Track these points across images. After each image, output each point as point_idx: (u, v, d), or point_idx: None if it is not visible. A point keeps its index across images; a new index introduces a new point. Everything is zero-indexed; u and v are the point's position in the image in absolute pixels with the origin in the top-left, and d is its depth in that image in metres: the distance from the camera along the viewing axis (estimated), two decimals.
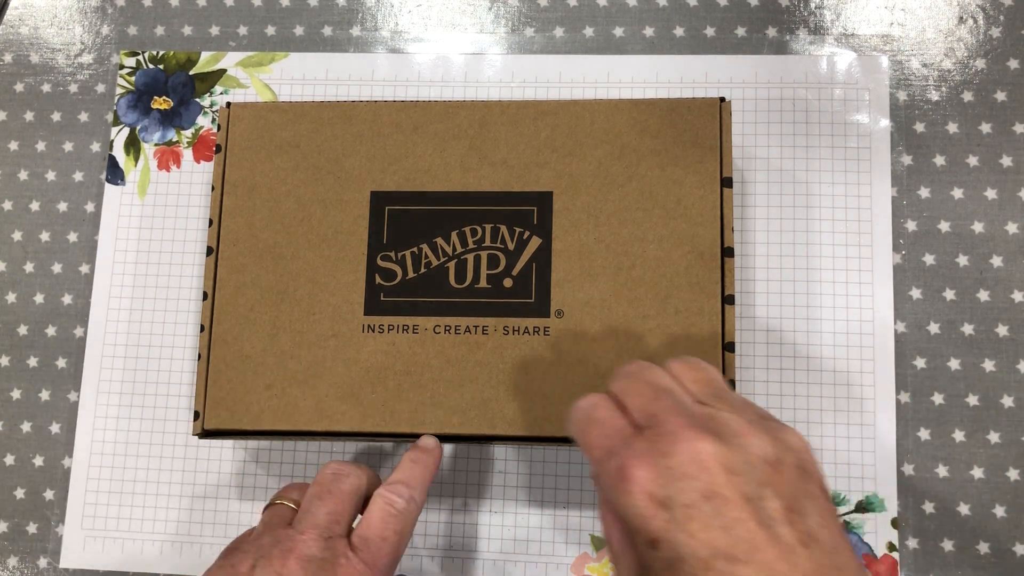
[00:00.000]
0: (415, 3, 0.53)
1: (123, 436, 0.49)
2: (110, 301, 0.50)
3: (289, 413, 0.41)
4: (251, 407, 0.41)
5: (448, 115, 0.44)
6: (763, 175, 0.49)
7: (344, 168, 0.44)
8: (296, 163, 0.44)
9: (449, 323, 0.42)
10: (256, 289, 0.43)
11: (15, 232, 0.52)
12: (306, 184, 0.44)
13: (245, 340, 0.42)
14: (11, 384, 0.50)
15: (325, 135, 0.44)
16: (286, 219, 0.44)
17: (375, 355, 0.41)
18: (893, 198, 0.48)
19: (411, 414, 0.41)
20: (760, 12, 0.51)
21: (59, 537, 0.48)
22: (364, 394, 0.41)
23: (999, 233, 0.47)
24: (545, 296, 0.41)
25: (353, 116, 0.45)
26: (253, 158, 0.44)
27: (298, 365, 0.42)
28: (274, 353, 0.42)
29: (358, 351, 0.42)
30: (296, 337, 0.42)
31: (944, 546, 0.45)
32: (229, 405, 0.41)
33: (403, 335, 0.42)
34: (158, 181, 0.51)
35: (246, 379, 0.42)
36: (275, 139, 0.45)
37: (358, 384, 0.41)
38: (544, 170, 0.43)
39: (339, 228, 0.43)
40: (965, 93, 0.49)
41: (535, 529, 0.46)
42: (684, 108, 0.43)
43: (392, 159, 0.44)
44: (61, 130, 0.53)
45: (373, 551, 0.36)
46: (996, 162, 0.48)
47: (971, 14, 0.50)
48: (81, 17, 0.55)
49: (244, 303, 0.43)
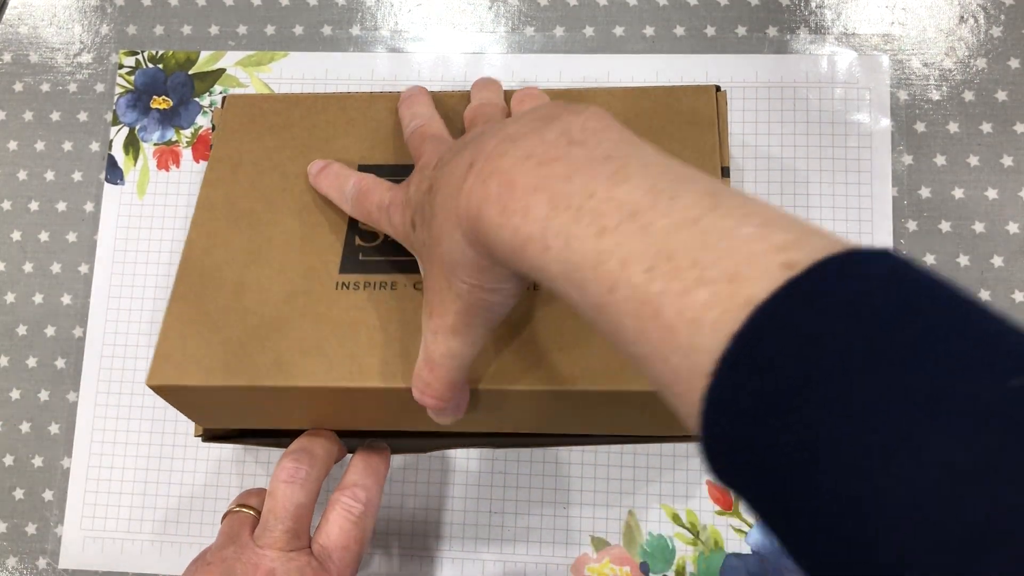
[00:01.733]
0: (415, 2, 0.53)
1: (123, 436, 0.49)
2: (109, 301, 0.50)
3: (245, 367, 0.36)
4: (202, 361, 0.36)
5: (441, 101, 0.43)
6: (763, 174, 0.48)
7: (334, 147, 0.42)
8: (285, 142, 0.42)
9: None
10: (226, 250, 0.39)
11: (14, 232, 0.52)
12: (292, 160, 0.41)
13: (207, 298, 0.38)
14: (10, 384, 0.50)
15: (318, 119, 0.43)
16: (268, 190, 0.41)
17: (347, 311, 0.37)
18: (894, 198, 0.48)
19: (382, 367, 0.35)
20: (760, 11, 0.51)
21: (58, 537, 0.48)
22: (330, 348, 0.36)
23: (1000, 233, 0.47)
24: None
25: (348, 104, 0.44)
26: (242, 138, 0.43)
27: (260, 321, 0.37)
28: (236, 310, 0.37)
29: (329, 307, 0.37)
30: (262, 295, 0.38)
31: None
32: (178, 360, 0.36)
33: (379, 291, 0.37)
34: (157, 181, 0.51)
35: (201, 334, 0.37)
36: (267, 123, 0.43)
37: (325, 338, 0.36)
38: None
39: (323, 197, 0.40)
40: (966, 93, 0.49)
41: (535, 529, 0.46)
42: (680, 93, 0.42)
43: (383, 138, 0.42)
44: (60, 130, 0.53)
45: (336, 561, 0.36)
46: (997, 162, 0.48)
47: (972, 13, 0.50)
48: (80, 16, 0.55)
49: (210, 263, 0.39)
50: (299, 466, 0.37)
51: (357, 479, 0.38)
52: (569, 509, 0.46)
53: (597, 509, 0.46)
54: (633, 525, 0.46)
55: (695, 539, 0.45)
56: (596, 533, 0.46)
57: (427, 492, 0.47)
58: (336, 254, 0.39)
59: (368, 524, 0.38)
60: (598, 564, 0.46)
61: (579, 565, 0.46)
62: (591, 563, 0.46)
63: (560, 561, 0.46)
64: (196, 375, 0.36)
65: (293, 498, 0.36)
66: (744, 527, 0.45)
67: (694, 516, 0.46)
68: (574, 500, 0.46)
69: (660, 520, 0.46)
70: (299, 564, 0.35)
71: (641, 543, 0.46)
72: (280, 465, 0.37)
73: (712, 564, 0.45)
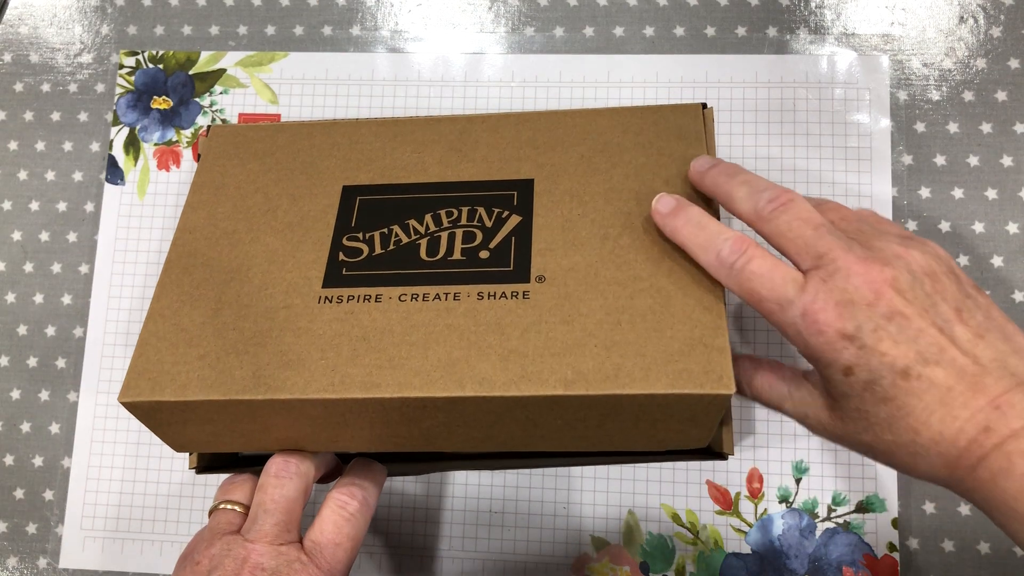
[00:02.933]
0: (415, 2, 0.53)
1: (123, 436, 0.49)
2: (110, 301, 0.50)
3: (221, 382, 0.35)
4: (178, 377, 0.35)
5: (429, 126, 0.43)
6: (763, 174, 0.48)
7: (318, 168, 0.41)
8: (268, 167, 0.42)
9: (417, 291, 0.36)
10: (205, 268, 0.39)
11: (15, 232, 0.52)
12: (276, 183, 0.41)
13: (184, 315, 0.37)
14: (11, 384, 0.50)
15: (302, 144, 0.43)
16: (250, 211, 0.40)
17: (330, 323, 0.36)
18: (893, 198, 0.48)
19: (364, 377, 0.34)
20: (760, 12, 0.51)
21: (59, 537, 0.48)
22: (312, 360, 0.35)
23: (1000, 233, 0.47)
24: (525, 264, 0.37)
25: (333, 130, 0.43)
26: (225, 164, 0.43)
27: (239, 336, 0.36)
28: (214, 326, 0.36)
29: (311, 321, 0.36)
30: (242, 311, 0.37)
31: (944, 546, 0.45)
32: (153, 376, 0.35)
33: (363, 304, 0.36)
34: (158, 181, 0.51)
35: (177, 350, 0.36)
36: (251, 149, 0.43)
37: (306, 351, 0.35)
38: (525, 163, 0.40)
39: (305, 216, 0.39)
40: (966, 93, 0.49)
41: (535, 529, 0.46)
42: (667, 112, 0.42)
43: (368, 159, 0.41)
44: (60, 130, 0.53)
45: (328, 557, 0.35)
46: (997, 162, 0.48)
47: (971, 13, 0.50)
48: (81, 16, 0.55)
49: (189, 281, 0.38)
50: (289, 460, 0.37)
51: (354, 478, 0.38)
52: (569, 509, 0.46)
53: (597, 509, 0.46)
54: (633, 525, 0.46)
55: (695, 539, 0.45)
56: (596, 533, 0.46)
57: (427, 492, 0.47)
58: (320, 270, 0.38)
59: (362, 523, 0.37)
60: (598, 563, 0.46)
61: (579, 564, 0.46)
62: (591, 562, 0.46)
63: (560, 561, 0.46)
64: (170, 391, 0.35)
65: (283, 491, 0.36)
66: (744, 527, 0.45)
67: (694, 516, 0.46)
68: (574, 500, 0.46)
69: (660, 520, 0.46)
70: (288, 558, 0.34)
71: (641, 543, 0.46)
72: (271, 460, 0.37)
73: (712, 564, 0.45)
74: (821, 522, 0.45)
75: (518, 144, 0.41)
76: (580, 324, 0.34)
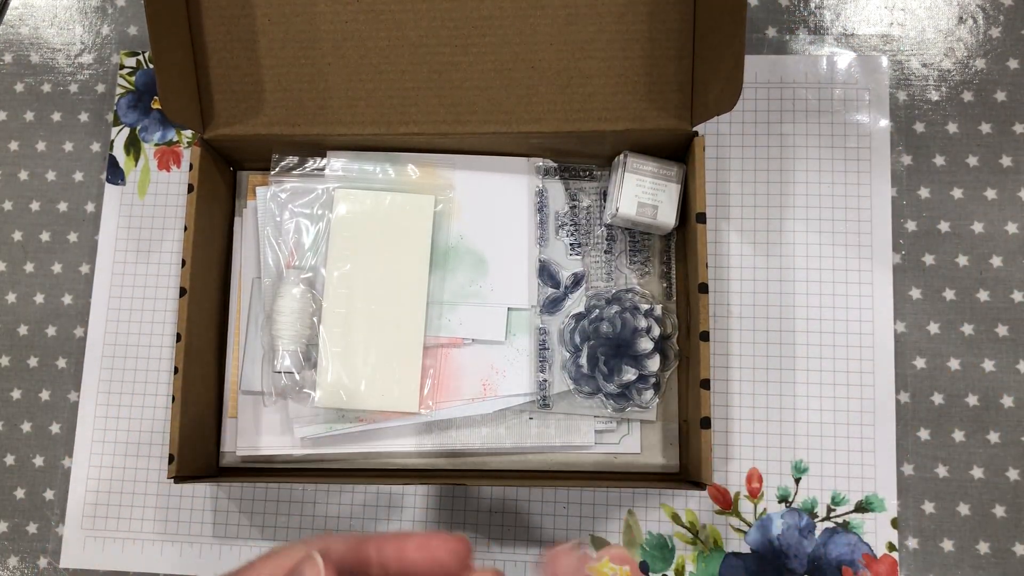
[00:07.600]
0: None
1: (123, 436, 0.49)
2: (110, 301, 0.50)
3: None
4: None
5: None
6: (763, 174, 0.49)
7: None
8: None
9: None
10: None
11: (15, 232, 0.52)
12: None
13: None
14: (11, 384, 0.51)
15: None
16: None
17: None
18: (893, 198, 0.48)
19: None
20: (760, 12, 0.51)
21: (59, 537, 0.48)
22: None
23: (999, 233, 0.47)
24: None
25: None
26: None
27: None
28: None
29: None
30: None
31: (944, 546, 0.45)
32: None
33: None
34: (158, 181, 0.51)
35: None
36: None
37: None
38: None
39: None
40: (965, 93, 0.49)
41: (535, 529, 0.46)
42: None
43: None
44: (61, 130, 0.53)
45: None
46: (996, 162, 0.48)
47: (971, 14, 0.50)
48: (81, 17, 0.55)
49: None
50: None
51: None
52: (569, 509, 0.46)
53: (597, 509, 0.46)
54: (633, 524, 0.46)
55: (694, 538, 0.45)
56: (596, 532, 0.46)
57: (427, 491, 0.47)
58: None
59: None
60: (598, 563, 0.46)
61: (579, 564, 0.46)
62: (591, 562, 0.46)
63: None
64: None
65: None
66: (743, 527, 0.45)
67: (693, 516, 0.46)
68: (574, 499, 0.46)
69: (660, 520, 0.46)
70: None
71: (641, 542, 0.46)
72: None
73: (711, 563, 0.45)
74: (820, 522, 0.45)
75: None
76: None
